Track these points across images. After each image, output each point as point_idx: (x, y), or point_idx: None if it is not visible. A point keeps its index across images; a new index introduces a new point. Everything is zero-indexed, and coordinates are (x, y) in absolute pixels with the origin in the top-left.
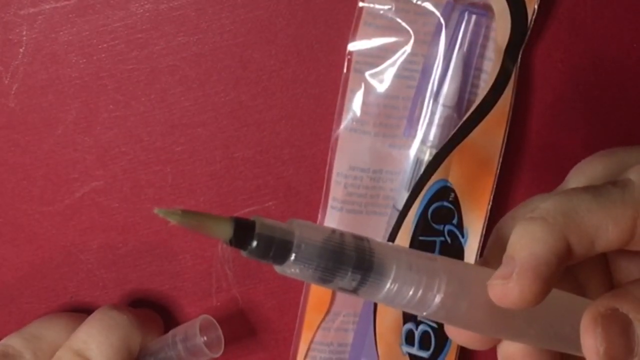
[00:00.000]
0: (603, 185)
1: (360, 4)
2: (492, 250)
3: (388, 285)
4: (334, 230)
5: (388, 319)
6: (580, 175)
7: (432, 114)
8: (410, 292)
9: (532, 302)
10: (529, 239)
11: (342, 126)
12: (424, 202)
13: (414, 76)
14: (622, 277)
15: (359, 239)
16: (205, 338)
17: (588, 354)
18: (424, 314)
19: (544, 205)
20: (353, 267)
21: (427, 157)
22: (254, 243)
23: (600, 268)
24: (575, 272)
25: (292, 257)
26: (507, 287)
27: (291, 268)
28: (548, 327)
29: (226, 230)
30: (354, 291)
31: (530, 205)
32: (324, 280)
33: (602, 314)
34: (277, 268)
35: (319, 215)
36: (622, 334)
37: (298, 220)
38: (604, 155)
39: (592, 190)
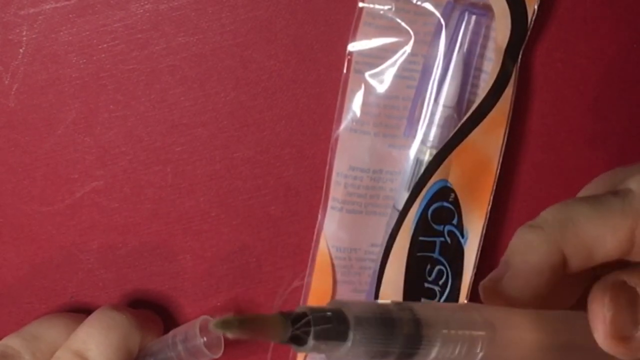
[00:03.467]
0: (603, 194)
1: (360, 4)
2: None
3: (436, 352)
4: (379, 303)
5: None
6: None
7: (432, 114)
8: (456, 353)
9: (519, 307)
10: (524, 247)
11: (342, 126)
12: (424, 203)
13: (414, 76)
14: None
15: (402, 305)
16: (205, 339)
17: (594, 320)
18: None
19: (544, 214)
20: (404, 337)
21: (427, 157)
22: (311, 342)
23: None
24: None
25: (349, 343)
26: (495, 291)
27: (346, 351)
28: None
29: (282, 334)
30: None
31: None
32: (379, 355)
33: (611, 284)
34: (330, 356)
35: (319, 215)
36: (629, 305)
37: (344, 301)
38: (606, 176)
39: (591, 199)
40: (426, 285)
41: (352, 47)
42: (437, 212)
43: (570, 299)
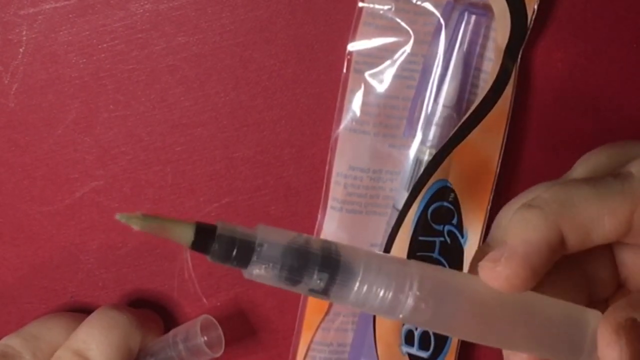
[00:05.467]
0: (603, 176)
1: (360, 4)
2: (494, 237)
3: (357, 285)
4: (299, 234)
5: (388, 320)
6: (585, 165)
7: (432, 114)
8: (381, 294)
9: (519, 287)
10: (522, 226)
11: (341, 126)
12: (424, 202)
13: (414, 76)
14: (629, 272)
15: (325, 241)
16: (205, 338)
17: None
18: (400, 316)
19: (543, 194)
20: (319, 266)
21: (426, 157)
22: (216, 246)
23: (607, 262)
24: (583, 265)
25: (255, 257)
26: (495, 270)
27: (255, 269)
28: (534, 332)
29: (187, 235)
30: (324, 292)
31: (532, 193)
32: (291, 280)
33: (623, 325)
34: (244, 273)
35: (319, 215)
36: None
37: (264, 225)
38: (610, 147)
39: (591, 181)
40: None
41: (352, 47)
42: (437, 212)
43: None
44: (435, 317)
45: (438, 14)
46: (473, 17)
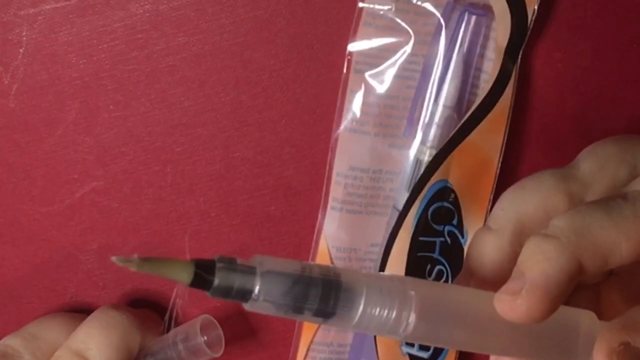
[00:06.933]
0: (613, 199)
1: (360, 5)
2: (495, 218)
3: (361, 306)
4: (298, 261)
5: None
6: (592, 155)
7: (432, 114)
8: (384, 314)
9: (538, 319)
10: (541, 258)
11: (342, 126)
12: (424, 203)
13: (414, 76)
14: (627, 274)
15: (323, 265)
16: (205, 338)
17: None
18: (402, 335)
19: (558, 223)
20: (322, 290)
21: (427, 157)
22: (216, 281)
23: None
24: None
25: (257, 288)
26: (514, 303)
27: (258, 300)
28: (533, 340)
29: (186, 274)
30: (328, 316)
31: (535, 181)
32: (295, 307)
33: (616, 350)
34: (246, 305)
35: (319, 216)
36: None
37: (261, 255)
38: (618, 139)
39: (603, 205)
40: None
41: (352, 47)
42: (437, 212)
43: None
44: (434, 333)
45: (438, 14)
46: (473, 18)
